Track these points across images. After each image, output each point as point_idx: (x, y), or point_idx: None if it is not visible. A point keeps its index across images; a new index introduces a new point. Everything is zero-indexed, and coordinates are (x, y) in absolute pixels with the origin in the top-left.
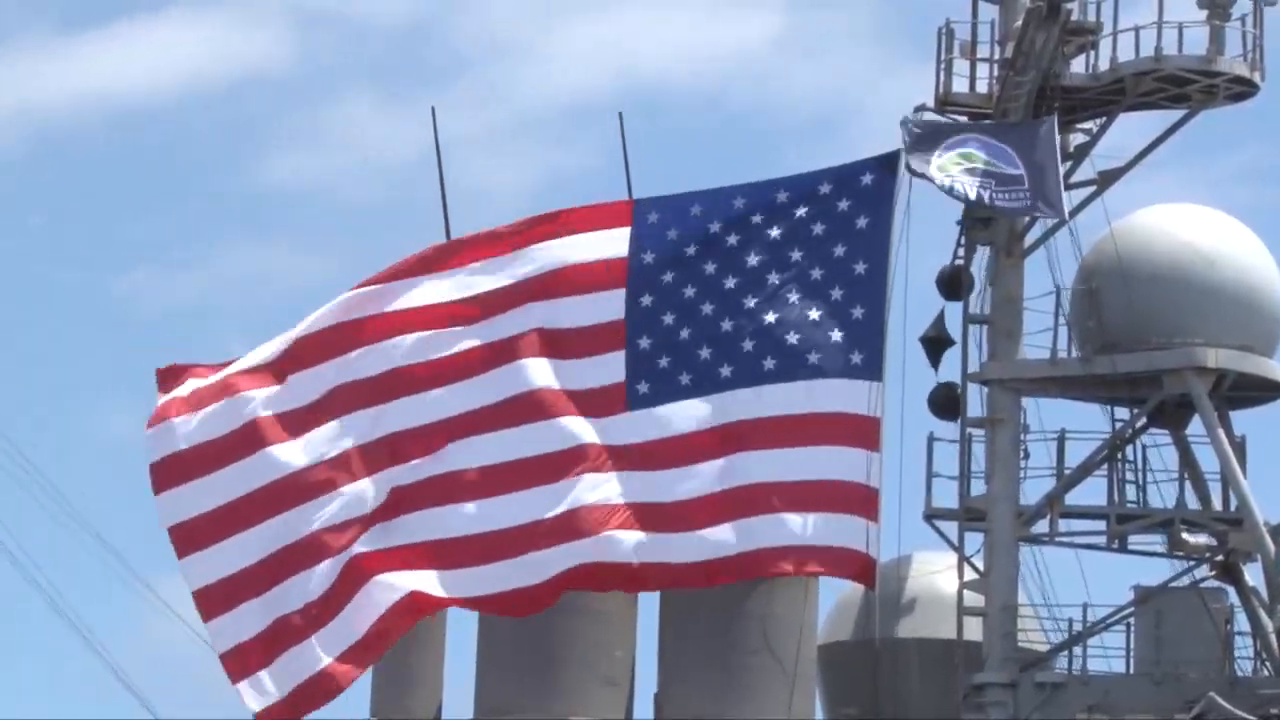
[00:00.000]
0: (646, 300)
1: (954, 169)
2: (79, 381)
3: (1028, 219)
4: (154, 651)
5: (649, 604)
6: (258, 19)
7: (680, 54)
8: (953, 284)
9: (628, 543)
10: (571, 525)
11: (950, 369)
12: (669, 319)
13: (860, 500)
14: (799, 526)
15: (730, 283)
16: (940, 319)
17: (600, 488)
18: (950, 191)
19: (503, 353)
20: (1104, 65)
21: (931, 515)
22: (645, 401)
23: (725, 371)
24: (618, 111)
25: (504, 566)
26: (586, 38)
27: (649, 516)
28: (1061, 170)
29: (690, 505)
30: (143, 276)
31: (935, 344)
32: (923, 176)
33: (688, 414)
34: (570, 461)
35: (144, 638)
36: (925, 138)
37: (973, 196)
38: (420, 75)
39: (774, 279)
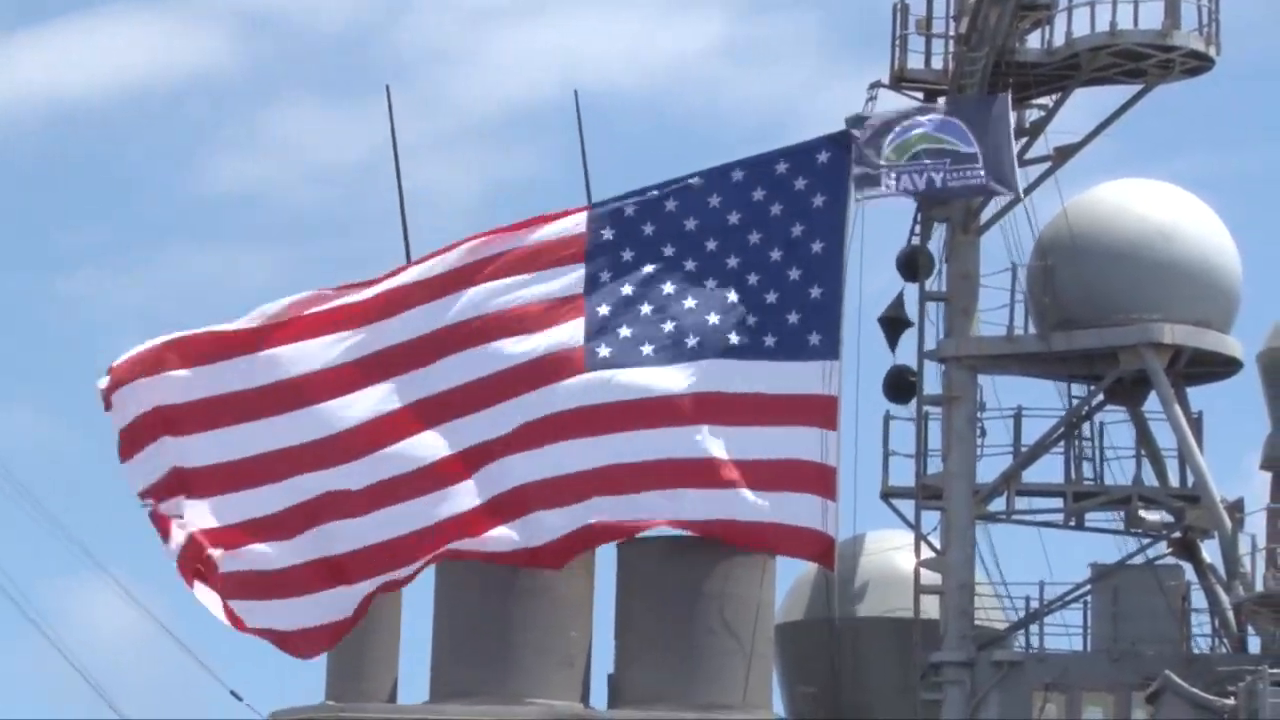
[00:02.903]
0: (605, 276)
1: (902, 157)
2: (24, 384)
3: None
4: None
5: (605, 584)
6: (198, 22)
7: (625, 61)
8: (912, 265)
9: (593, 507)
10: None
11: (907, 349)
12: (628, 290)
13: (818, 479)
14: (759, 503)
15: (690, 265)
16: (899, 300)
17: (567, 457)
18: (903, 190)
19: (467, 335)
20: (1059, 41)
21: (888, 494)
22: (605, 364)
23: (691, 342)
24: (573, 89)
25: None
26: (529, 43)
27: (613, 480)
28: (1016, 147)
29: (652, 467)
30: (85, 280)
31: (894, 324)
32: (873, 198)
33: (649, 380)
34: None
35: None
36: (869, 142)
37: (922, 186)
38: (363, 80)
39: (733, 262)
